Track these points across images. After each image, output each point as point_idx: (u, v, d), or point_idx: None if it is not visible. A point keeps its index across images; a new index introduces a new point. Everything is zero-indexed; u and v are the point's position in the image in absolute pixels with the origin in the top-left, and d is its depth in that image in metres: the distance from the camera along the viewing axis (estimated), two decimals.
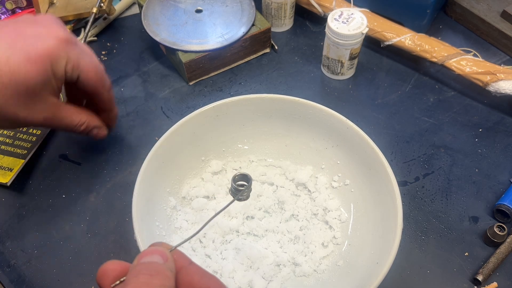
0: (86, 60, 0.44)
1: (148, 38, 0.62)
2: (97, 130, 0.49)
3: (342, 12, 0.58)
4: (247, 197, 0.38)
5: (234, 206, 0.48)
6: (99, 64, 0.46)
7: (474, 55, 0.60)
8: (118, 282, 0.25)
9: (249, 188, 0.37)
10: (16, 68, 0.38)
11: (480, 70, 0.57)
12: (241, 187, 0.37)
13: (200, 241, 0.47)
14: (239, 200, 0.37)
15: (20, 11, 0.68)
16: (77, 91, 0.47)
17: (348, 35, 0.56)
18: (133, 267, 0.25)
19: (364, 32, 0.57)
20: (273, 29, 0.67)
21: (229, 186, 0.50)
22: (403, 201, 0.42)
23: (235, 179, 0.37)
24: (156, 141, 0.46)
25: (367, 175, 0.47)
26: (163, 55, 0.65)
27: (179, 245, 0.28)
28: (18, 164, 0.53)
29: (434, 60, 0.59)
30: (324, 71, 0.63)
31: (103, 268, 0.26)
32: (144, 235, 0.40)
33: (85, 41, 0.64)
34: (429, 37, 0.60)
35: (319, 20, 0.68)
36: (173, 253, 0.27)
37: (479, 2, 0.66)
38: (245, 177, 0.37)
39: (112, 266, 0.26)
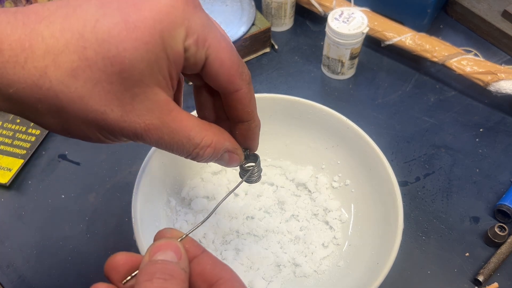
0: (217, 35, 0.27)
1: None
2: (229, 154, 0.31)
3: (342, 11, 0.57)
4: (258, 178, 0.35)
5: (234, 206, 0.48)
6: (234, 47, 0.29)
7: (475, 54, 0.60)
8: (129, 277, 0.24)
9: (258, 168, 0.34)
10: (107, 38, 0.23)
11: (480, 70, 0.57)
12: (249, 168, 0.34)
13: (200, 242, 0.47)
14: (250, 182, 0.35)
15: None
16: (198, 91, 0.32)
17: (349, 35, 0.56)
18: (145, 265, 0.24)
19: (365, 31, 0.56)
20: (273, 29, 0.67)
21: (229, 186, 0.50)
22: (403, 201, 0.42)
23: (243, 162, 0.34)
24: None
25: (367, 175, 0.47)
26: None
27: (189, 232, 0.26)
28: (17, 164, 0.53)
29: (435, 59, 0.59)
30: (324, 70, 0.63)
31: (112, 260, 0.25)
32: (143, 235, 0.40)
33: None
34: (429, 37, 0.60)
35: (320, 20, 0.68)
36: (184, 242, 0.25)
37: (479, 2, 0.66)
38: (253, 157, 0.34)
39: (122, 259, 0.25)
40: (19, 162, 0.53)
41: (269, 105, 0.50)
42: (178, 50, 0.25)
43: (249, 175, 0.34)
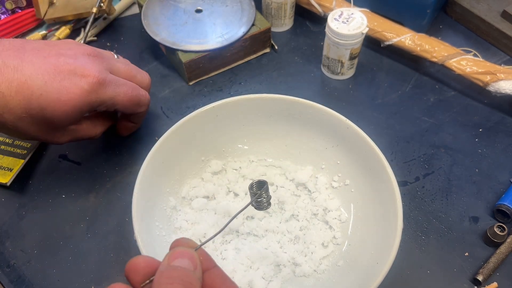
0: (121, 94, 0.45)
1: (148, 38, 0.62)
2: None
3: (342, 12, 0.58)
4: (268, 205, 0.37)
5: (234, 206, 0.48)
6: (135, 88, 0.47)
7: (474, 55, 0.60)
8: (148, 281, 0.25)
9: (267, 194, 0.36)
10: (46, 106, 0.39)
11: (480, 70, 0.57)
12: (258, 195, 0.36)
13: (200, 242, 0.47)
14: (260, 209, 0.37)
15: (20, 11, 0.68)
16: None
17: (348, 35, 0.56)
18: (165, 268, 0.24)
19: (364, 32, 0.56)
20: (273, 29, 0.67)
21: (229, 186, 0.50)
22: (403, 201, 0.42)
23: (252, 187, 0.36)
24: (156, 141, 0.46)
25: (367, 175, 0.47)
26: (163, 55, 0.65)
27: (203, 243, 0.27)
28: (18, 164, 0.53)
29: (434, 60, 0.59)
30: (324, 71, 0.63)
31: (133, 262, 0.26)
32: (144, 235, 0.40)
33: (84, 41, 0.64)
34: (429, 37, 0.60)
35: (319, 20, 0.68)
36: (198, 253, 0.26)
37: (479, 2, 0.66)
38: (261, 184, 0.36)
39: (143, 262, 0.26)
40: (20, 162, 0.54)
41: (269, 105, 0.50)
42: (90, 112, 0.46)
43: (256, 199, 0.36)
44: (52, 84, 0.39)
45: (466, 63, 0.58)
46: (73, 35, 0.67)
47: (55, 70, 0.40)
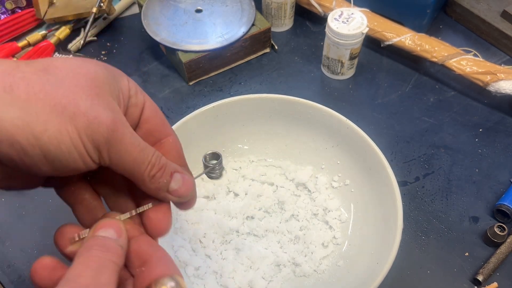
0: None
1: (148, 38, 0.62)
2: (181, 175, 0.31)
3: (342, 12, 0.58)
4: (220, 175, 0.38)
5: (234, 206, 0.48)
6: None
7: (474, 55, 0.60)
8: (74, 242, 0.27)
9: (220, 166, 0.38)
10: (48, 142, 0.25)
11: (480, 70, 0.57)
12: (212, 168, 0.38)
13: (200, 241, 0.47)
14: (211, 177, 0.38)
15: (19, 11, 0.68)
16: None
17: (348, 35, 0.56)
18: (88, 238, 0.26)
19: (364, 32, 0.56)
20: (273, 29, 0.67)
21: (229, 186, 0.50)
22: (403, 201, 0.42)
23: (206, 158, 0.38)
24: None
25: (367, 175, 0.47)
26: (163, 55, 0.65)
27: (132, 214, 0.29)
28: None
29: (434, 60, 0.59)
30: (324, 71, 0.63)
31: (61, 228, 0.28)
32: None
33: (84, 41, 0.64)
34: (429, 37, 0.60)
35: (319, 20, 0.68)
36: (126, 223, 0.28)
37: (479, 2, 0.66)
38: (216, 155, 0.38)
39: (71, 228, 0.28)
40: None
41: (269, 105, 0.50)
42: (124, 83, 0.29)
43: (210, 170, 0.37)
44: (59, 120, 0.27)
45: (466, 63, 0.58)
46: (73, 35, 0.67)
47: (70, 105, 0.28)
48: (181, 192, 0.30)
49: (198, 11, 0.63)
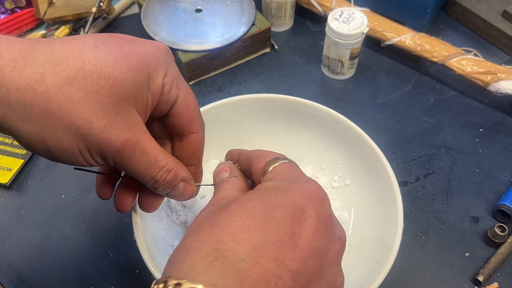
0: (186, 83, 0.32)
1: (148, 38, 0.62)
2: (184, 184, 0.34)
3: (342, 11, 0.57)
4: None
5: None
6: None
7: (475, 55, 0.60)
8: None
9: None
10: (105, 57, 0.27)
11: (480, 70, 0.57)
12: None
13: None
14: None
15: (19, 10, 0.68)
16: (159, 130, 0.35)
17: (349, 35, 0.56)
18: (216, 180, 0.34)
19: (365, 31, 0.56)
20: (273, 29, 0.67)
21: None
22: (403, 201, 0.42)
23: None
24: None
25: (367, 175, 0.47)
26: None
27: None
28: (17, 164, 0.53)
29: (435, 60, 0.59)
30: (324, 71, 0.63)
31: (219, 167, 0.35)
32: (143, 235, 0.40)
33: None
34: (429, 37, 0.60)
35: (320, 20, 0.68)
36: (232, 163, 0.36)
37: (479, 2, 0.66)
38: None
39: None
40: (19, 162, 0.53)
41: (269, 105, 0.50)
42: (158, 83, 0.29)
43: None
44: (108, 38, 0.29)
45: (467, 63, 0.58)
46: (72, 34, 0.67)
47: (119, 44, 0.30)
48: (179, 198, 0.35)
49: (198, 10, 0.63)
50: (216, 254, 0.22)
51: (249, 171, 0.32)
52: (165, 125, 0.34)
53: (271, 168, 0.29)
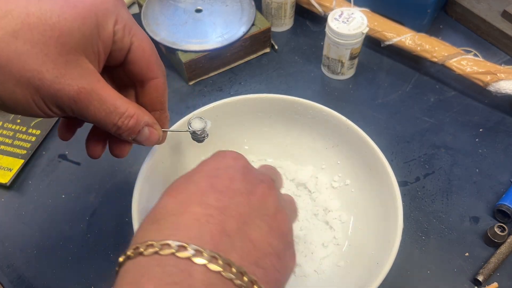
0: (139, 28, 0.32)
1: None
2: (149, 129, 0.34)
3: (342, 11, 0.58)
4: (206, 136, 0.41)
5: None
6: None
7: (475, 55, 0.60)
8: None
9: (204, 131, 0.40)
10: (50, 9, 0.27)
11: (480, 70, 0.57)
12: (198, 131, 0.40)
13: None
14: (198, 141, 0.41)
15: None
16: (120, 78, 0.35)
17: (349, 35, 0.56)
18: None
19: (365, 31, 0.56)
20: (273, 29, 0.67)
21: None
22: (403, 201, 0.42)
23: (190, 124, 0.40)
24: None
25: (367, 175, 0.47)
26: (163, 55, 0.65)
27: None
28: (17, 164, 0.53)
29: (435, 60, 0.59)
30: (324, 71, 0.63)
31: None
32: None
33: None
34: (429, 37, 0.60)
35: (319, 20, 0.68)
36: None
37: (479, 2, 0.66)
38: (202, 121, 0.40)
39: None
40: (20, 162, 0.53)
41: (269, 105, 0.50)
42: (108, 31, 0.29)
43: (195, 133, 0.40)
44: None
45: (467, 63, 0.58)
46: None
47: None
48: (146, 144, 0.35)
49: (198, 10, 0.63)
50: (153, 221, 0.26)
51: None
52: (126, 73, 0.34)
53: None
